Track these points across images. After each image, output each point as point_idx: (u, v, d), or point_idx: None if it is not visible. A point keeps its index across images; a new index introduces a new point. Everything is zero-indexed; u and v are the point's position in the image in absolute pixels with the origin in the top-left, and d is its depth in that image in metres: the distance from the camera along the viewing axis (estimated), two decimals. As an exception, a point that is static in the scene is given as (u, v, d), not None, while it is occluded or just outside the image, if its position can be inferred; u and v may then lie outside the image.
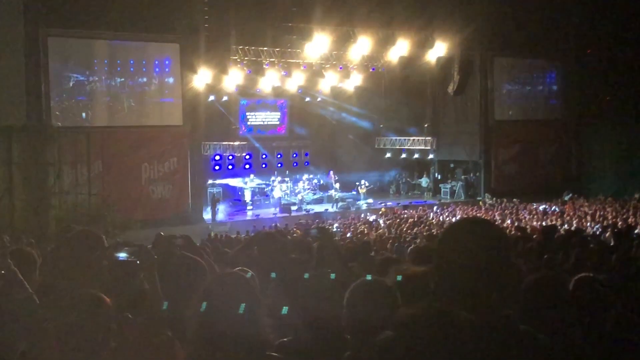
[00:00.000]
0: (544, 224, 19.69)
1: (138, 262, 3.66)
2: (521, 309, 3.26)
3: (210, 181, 30.45)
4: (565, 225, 19.97)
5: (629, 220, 20.25)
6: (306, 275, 3.66)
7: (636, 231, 15.06)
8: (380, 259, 6.72)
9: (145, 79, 25.99)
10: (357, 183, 32.09)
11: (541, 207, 25.91)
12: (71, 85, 24.49)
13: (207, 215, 27.36)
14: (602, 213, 22.12)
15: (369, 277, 3.39)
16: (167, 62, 26.29)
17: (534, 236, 13.22)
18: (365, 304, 3.20)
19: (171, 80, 26.42)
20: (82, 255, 3.81)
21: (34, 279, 4.30)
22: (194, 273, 3.88)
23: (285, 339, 3.40)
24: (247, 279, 3.18)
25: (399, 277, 3.66)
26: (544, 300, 3.33)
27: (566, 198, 29.17)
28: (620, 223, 19.45)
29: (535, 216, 24.00)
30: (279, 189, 30.80)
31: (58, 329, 3.14)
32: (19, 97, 22.97)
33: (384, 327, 3.06)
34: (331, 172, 33.23)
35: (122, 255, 3.68)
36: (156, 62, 26.14)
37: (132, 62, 25.70)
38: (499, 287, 2.44)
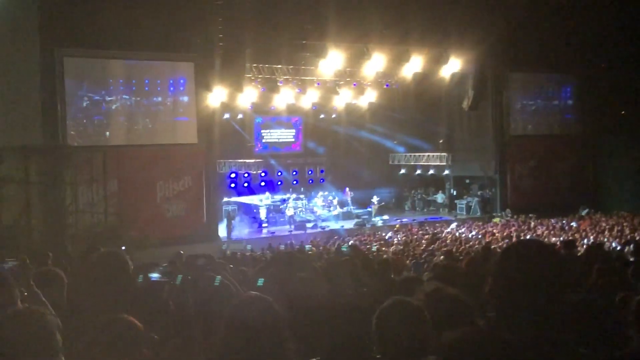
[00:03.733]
0: (561, 239, 19.51)
1: (171, 282, 3.65)
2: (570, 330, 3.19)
3: (225, 199, 30.49)
4: (584, 241, 19.81)
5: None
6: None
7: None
8: (401, 278, 6.66)
9: (160, 98, 26.10)
10: (369, 200, 32.02)
11: (558, 223, 25.73)
12: (87, 104, 24.63)
13: (222, 233, 27.34)
14: (619, 228, 21.93)
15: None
16: (181, 81, 26.40)
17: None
18: (397, 326, 3.14)
19: (186, 98, 26.52)
20: (108, 277, 3.79)
21: (62, 300, 4.28)
22: (223, 294, 3.86)
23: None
24: (271, 302, 3.15)
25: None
26: (590, 323, 3.24)
27: (583, 213, 28.97)
28: (638, 238, 19.27)
29: (553, 232, 23.82)
30: (294, 206, 30.76)
31: (88, 352, 3.11)
32: (35, 117, 23.18)
33: (421, 351, 3.02)
34: (347, 189, 33.19)
35: (154, 275, 3.67)
36: (171, 81, 26.26)
37: (147, 81, 25.82)
38: (552, 310, 2.40)
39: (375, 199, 31.77)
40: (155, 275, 3.75)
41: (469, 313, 3.48)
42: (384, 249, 20.74)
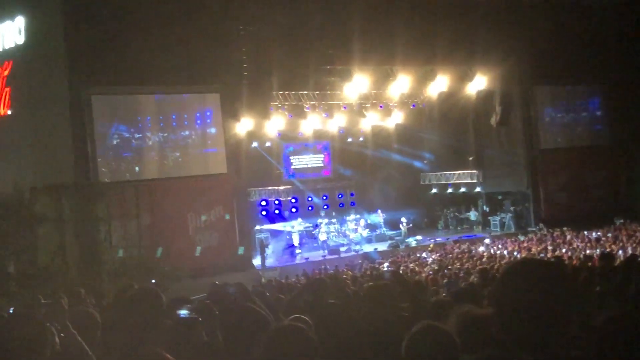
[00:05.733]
0: (598, 251, 19.24)
1: (200, 319, 3.65)
2: (595, 349, 3.11)
3: (257, 227, 30.57)
4: (621, 252, 19.53)
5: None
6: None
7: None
8: (433, 300, 6.60)
9: (188, 132, 26.34)
10: (401, 221, 31.85)
11: (594, 235, 25.40)
12: (116, 142, 24.95)
13: (256, 262, 27.38)
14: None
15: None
16: (208, 113, 26.63)
17: (589, 264, 12.94)
18: (426, 352, 3.11)
19: (213, 130, 26.73)
20: (142, 314, 3.81)
21: (96, 339, 4.31)
22: (255, 324, 3.85)
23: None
24: (305, 330, 3.15)
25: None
26: (620, 340, 3.13)
27: (618, 224, 28.59)
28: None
29: (589, 244, 23.52)
30: (326, 230, 30.73)
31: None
32: (66, 156, 23.55)
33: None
34: (379, 211, 33.08)
35: (183, 312, 3.68)
36: (198, 114, 26.51)
37: (174, 116, 26.11)
38: (565, 329, 2.36)
39: (404, 220, 31.61)
40: (184, 312, 3.75)
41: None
42: (418, 269, 20.62)
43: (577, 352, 2.42)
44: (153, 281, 15.67)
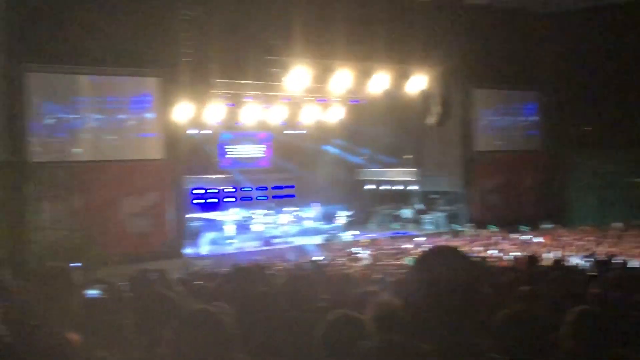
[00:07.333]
0: (524, 254, 19.71)
1: (108, 299, 3.61)
2: (496, 340, 3.19)
3: (191, 215, 30.31)
4: (549, 255, 20.06)
5: (610, 249, 20.40)
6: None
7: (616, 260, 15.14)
8: (357, 292, 6.67)
9: (125, 115, 25.84)
10: (336, 215, 31.98)
11: (522, 237, 26.00)
12: (51, 121, 24.37)
13: (188, 250, 27.16)
14: (582, 243, 22.25)
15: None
16: (147, 97, 26.23)
17: (516, 266, 13.27)
18: (339, 339, 3.14)
19: (151, 115, 26.32)
20: (48, 292, 3.74)
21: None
22: (166, 309, 3.81)
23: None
24: (216, 315, 3.12)
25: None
26: (519, 334, 3.25)
27: (546, 227, 29.32)
28: (600, 252, 19.59)
29: (516, 246, 24.08)
30: (262, 221, 30.65)
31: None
32: None
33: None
34: (316, 204, 33.13)
35: (92, 292, 3.62)
36: (136, 98, 26.08)
37: (112, 98, 25.59)
38: (470, 317, 2.40)
39: (341, 214, 31.74)
40: (92, 292, 3.70)
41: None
42: (349, 264, 20.80)
43: (478, 340, 2.47)
44: (79, 265, 15.39)
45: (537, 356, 3.16)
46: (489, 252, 22.32)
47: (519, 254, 21.23)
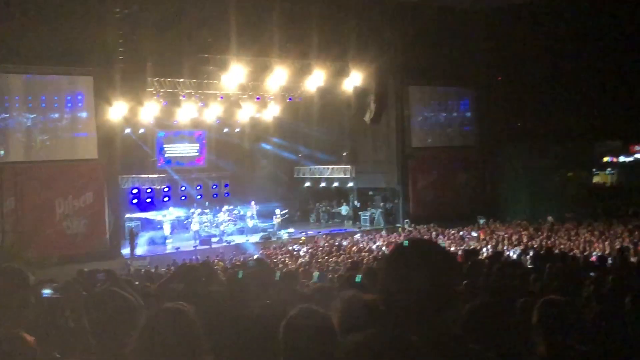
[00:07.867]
0: (462, 248, 20.04)
1: (64, 298, 3.56)
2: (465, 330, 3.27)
3: (128, 215, 29.92)
4: (484, 249, 20.43)
5: (544, 243, 20.90)
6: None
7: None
8: (312, 288, 6.71)
9: (57, 115, 25.43)
10: (274, 213, 31.95)
11: (459, 233, 26.38)
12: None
13: (125, 250, 26.81)
14: (517, 237, 22.71)
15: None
16: (80, 97, 25.78)
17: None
18: (303, 335, 3.14)
19: (85, 114, 25.92)
20: (5, 293, 3.68)
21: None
22: (126, 309, 3.78)
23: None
24: (187, 313, 3.10)
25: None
26: (487, 324, 3.33)
27: (481, 222, 29.81)
28: (535, 246, 20.05)
29: (453, 241, 24.45)
30: (199, 221, 30.45)
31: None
32: None
33: (327, 357, 3.04)
34: (252, 202, 33.02)
35: (47, 291, 3.58)
36: (69, 97, 25.61)
37: (44, 97, 25.11)
38: (447, 308, 2.47)
39: (278, 212, 31.74)
40: (47, 291, 3.65)
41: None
42: (288, 261, 20.84)
43: (458, 331, 2.54)
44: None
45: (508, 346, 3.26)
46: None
47: (455, 249, 21.64)
